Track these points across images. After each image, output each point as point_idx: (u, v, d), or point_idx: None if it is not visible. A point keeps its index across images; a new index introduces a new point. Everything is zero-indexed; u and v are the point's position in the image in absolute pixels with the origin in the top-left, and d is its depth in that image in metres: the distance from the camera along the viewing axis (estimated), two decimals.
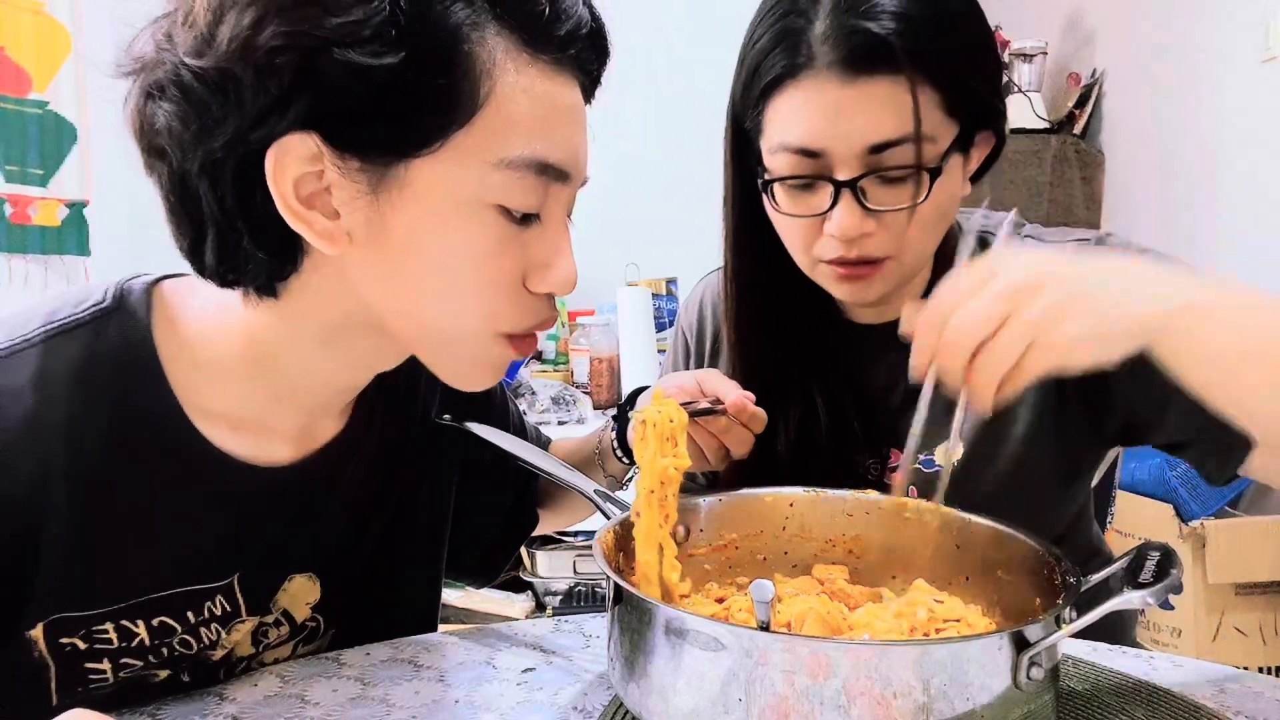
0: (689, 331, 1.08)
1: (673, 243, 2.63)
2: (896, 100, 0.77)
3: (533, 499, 1.00)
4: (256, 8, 0.55)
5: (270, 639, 0.75)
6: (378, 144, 0.59)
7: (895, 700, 0.51)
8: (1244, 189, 2.26)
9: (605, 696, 0.69)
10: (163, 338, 0.67)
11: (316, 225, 0.60)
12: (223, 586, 0.70)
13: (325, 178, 0.59)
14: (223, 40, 0.55)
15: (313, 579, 0.76)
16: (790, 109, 0.80)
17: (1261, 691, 0.69)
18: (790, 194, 0.84)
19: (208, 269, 0.63)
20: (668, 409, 0.70)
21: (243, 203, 0.59)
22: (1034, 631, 0.54)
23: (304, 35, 0.55)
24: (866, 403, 0.94)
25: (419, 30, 0.56)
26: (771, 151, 0.83)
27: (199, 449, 0.67)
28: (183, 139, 0.58)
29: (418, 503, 0.84)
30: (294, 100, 0.56)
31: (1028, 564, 0.67)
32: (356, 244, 0.61)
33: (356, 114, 0.57)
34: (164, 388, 0.66)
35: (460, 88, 0.58)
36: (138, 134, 0.61)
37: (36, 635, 0.63)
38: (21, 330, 0.65)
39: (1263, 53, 2.16)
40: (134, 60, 0.60)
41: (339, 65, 0.55)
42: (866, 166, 0.79)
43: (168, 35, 0.59)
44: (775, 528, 0.79)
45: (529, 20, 0.60)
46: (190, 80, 0.57)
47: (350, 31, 0.55)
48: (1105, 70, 2.78)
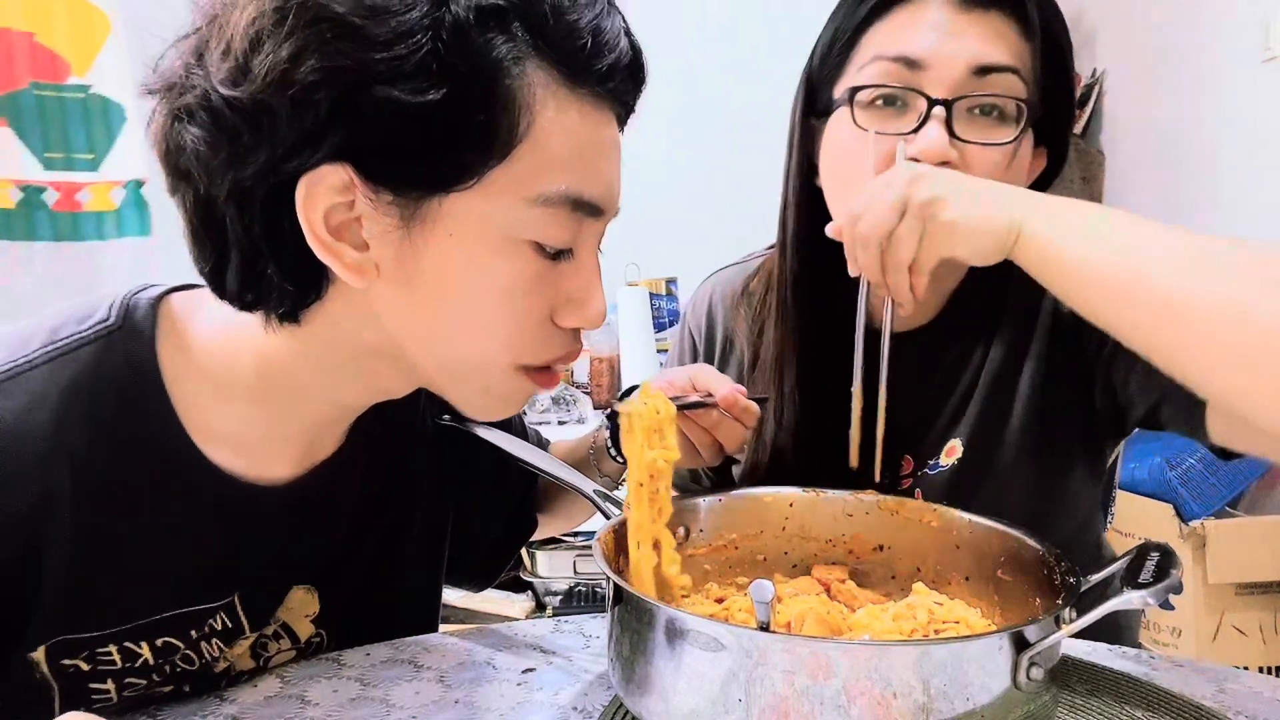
0: (697, 332, 1.06)
1: (673, 243, 2.63)
2: (1008, 37, 0.79)
3: (532, 503, 1.00)
4: (296, 39, 0.53)
5: (270, 652, 0.75)
6: (412, 178, 0.57)
7: (895, 701, 0.51)
8: (1244, 189, 2.26)
9: (605, 696, 0.69)
10: (168, 357, 0.65)
11: (346, 258, 0.58)
12: (224, 604, 0.70)
13: (356, 208, 0.57)
14: (259, 70, 0.54)
15: (311, 591, 0.76)
16: (897, 25, 0.80)
17: (1261, 691, 0.69)
18: (872, 111, 0.81)
19: (228, 293, 0.61)
20: (654, 402, 0.70)
21: (270, 231, 0.58)
22: (1034, 631, 0.54)
23: (344, 70, 0.53)
24: None
25: (460, 65, 0.55)
26: (862, 67, 0.81)
27: (201, 469, 0.66)
28: (210, 165, 0.57)
29: (416, 510, 0.84)
30: (330, 133, 0.55)
31: (1028, 564, 0.67)
32: (384, 276, 0.60)
33: (392, 148, 0.56)
34: (167, 409, 0.65)
35: (499, 123, 0.57)
36: (162, 155, 0.60)
37: (39, 658, 0.63)
38: (23, 350, 0.63)
39: (1263, 53, 2.16)
40: (160, 79, 0.59)
41: (378, 100, 0.54)
42: (966, 88, 0.78)
43: (197, 56, 0.57)
44: (775, 528, 0.79)
45: (571, 54, 0.58)
46: (222, 107, 0.55)
47: (391, 67, 0.53)
48: (1105, 70, 2.78)
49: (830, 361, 0.88)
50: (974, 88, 0.78)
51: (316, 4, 0.54)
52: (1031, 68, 0.80)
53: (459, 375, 0.65)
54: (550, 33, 0.58)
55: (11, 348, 0.64)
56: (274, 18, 0.54)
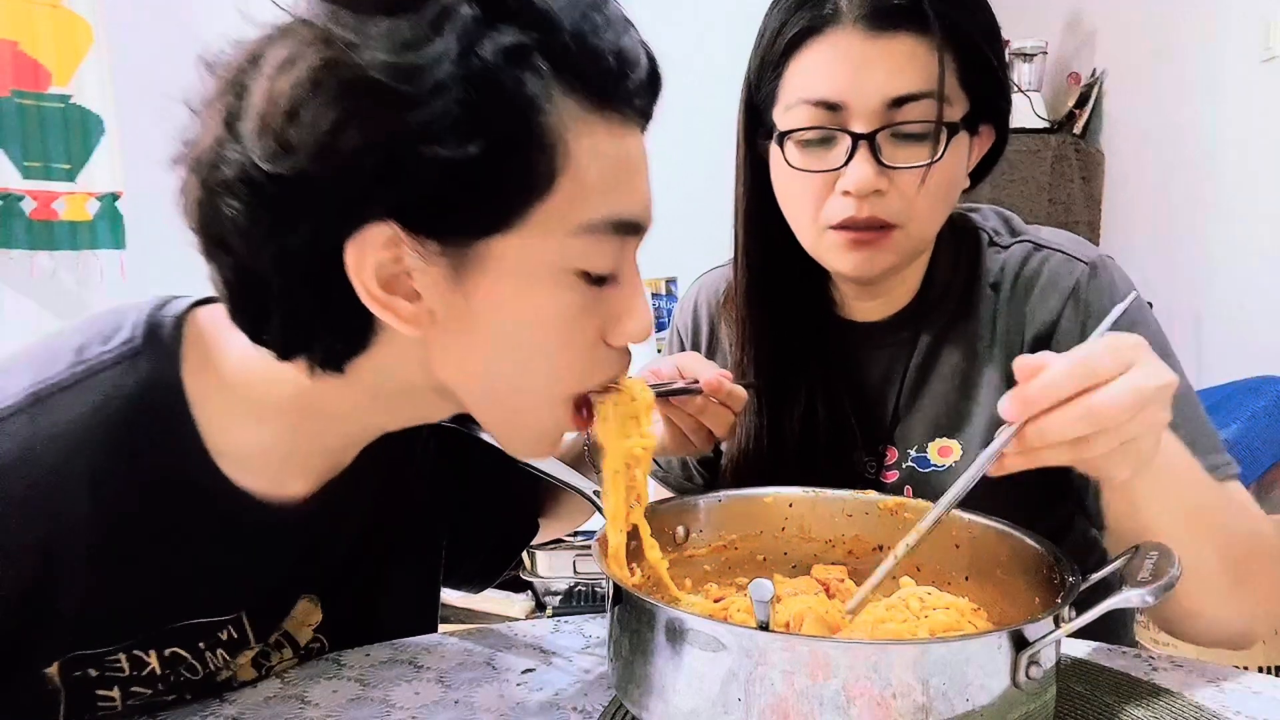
0: (684, 331, 1.09)
1: (673, 243, 2.62)
2: (919, 57, 0.80)
3: (533, 507, 1.00)
4: (335, 110, 0.53)
5: (272, 661, 0.75)
6: (458, 227, 0.57)
7: (895, 701, 0.51)
8: (1244, 189, 2.26)
9: (605, 696, 0.69)
10: (193, 376, 0.64)
11: (402, 311, 0.58)
12: (233, 618, 0.70)
13: (404, 262, 0.57)
14: (300, 144, 0.53)
15: (314, 601, 0.76)
16: (813, 63, 0.82)
17: (1261, 691, 0.69)
18: (805, 150, 0.84)
19: (269, 343, 0.61)
20: (630, 388, 0.68)
21: (318, 293, 0.58)
22: (1033, 630, 0.54)
23: (385, 134, 0.53)
24: (863, 400, 0.95)
25: (495, 113, 0.54)
26: (789, 108, 0.84)
27: (221, 490, 0.66)
28: (252, 235, 0.56)
29: (417, 515, 0.84)
30: (374, 196, 0.55)
31: (1027, 563, 0.67)
32: (437, 321, 0.60)
33: (436, 200, 0.56)
34: (191, 431, 0.64)
35: (537, 162, 0.57)
36: (198, 227, 0.59)
37: (52, 672, 0.63)
38: (50, 369, 0.63)
39: (1263, 53, 2.16)
40: (190, 152, 0.58)
41: (420, 160, 0.53)
42: (885, 120, 0.81)
43: (227, 126, 0.56)
44: (775, 528, 0.79)
45: (597, 80, 0.58)
46: (263, 182, 0.54)
47: (430, 126, 0.53)
48: (1105, 70, 2.79)
49: (787, 360, 0.93)
50: (892, 118, 0.81)
51: (348, 69, 0.53)
52: (948, 74, 0.81)
53: (505, 409, 0.65)
54: (574, 61, 0.57)
55: (38, 367, 0.63)
56: (307, 87, 0.53)
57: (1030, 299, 0.89)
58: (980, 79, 0.84)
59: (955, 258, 0.93)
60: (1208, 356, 2.33)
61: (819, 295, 0.96)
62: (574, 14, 0.57)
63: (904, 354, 0.94)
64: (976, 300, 0.92)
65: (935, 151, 0.81)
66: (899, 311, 0.94)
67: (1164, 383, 0.59)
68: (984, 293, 0.92)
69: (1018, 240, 0.93)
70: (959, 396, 0.91)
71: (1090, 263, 0.89)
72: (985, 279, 0.92)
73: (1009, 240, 0.93)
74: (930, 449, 0.92)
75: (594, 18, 0.58)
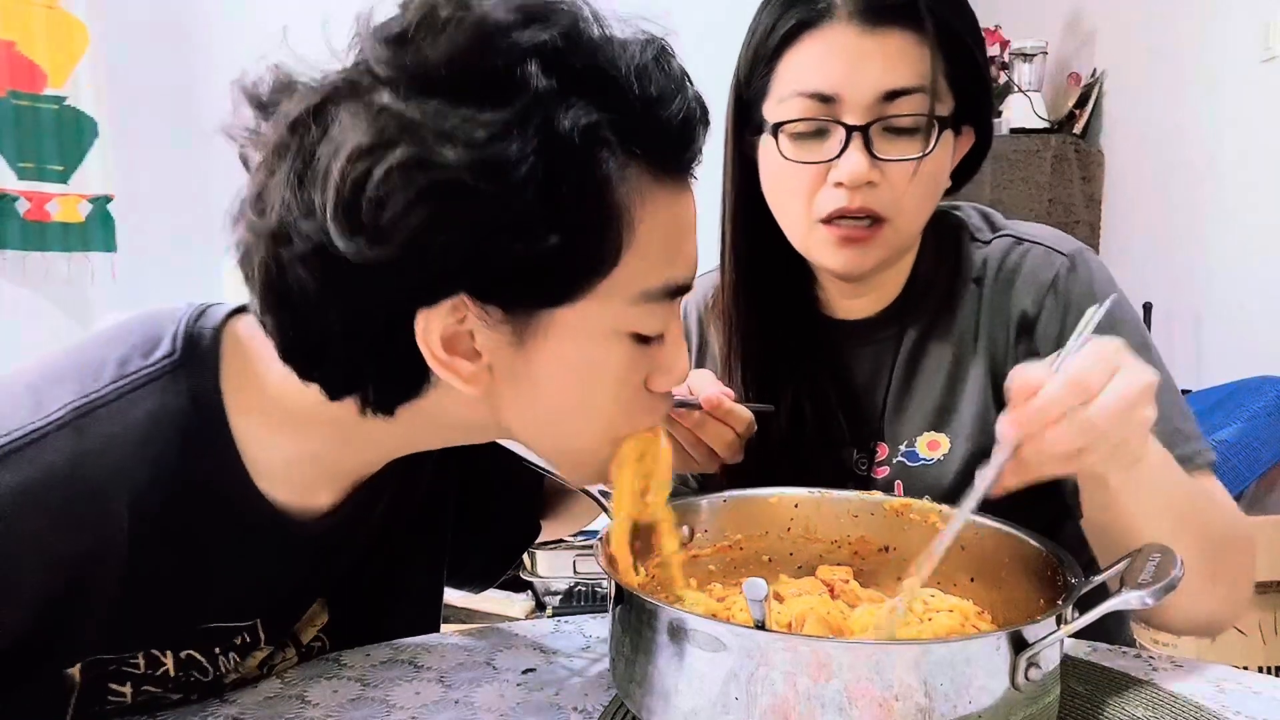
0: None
1: None
2: (911, 53, 0.82)
3: (536, 507, 1.00)
4: (423, 204, 0.53)
5: (276, 661, 0.75)
6: (526, 300, 0.58)
7: (896, 703, 0.51)
8: (1243, 189, 2.26)
9: (605, 696, 0.69)
10: (232, 391, 0.65)
11: (463, 371, 0.59)
12: (250, 625, 0.71)
13: (467, 323, 0.58)
14: (384, 234, 0.53)
15: (322, 604, 0.77)
16: (807, 56, 0.84)
17: (1261, 691, 0.69)
18: (797, 142, 0.85)
19: (318, 381, 0.61)
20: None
21: (380, 350, 0.59)
22: (1033, 631, 0.54)
23: (470, 228, 0.54)
24: (850, 397, 0.95)
25: (573, 200, 0.55)
26: (782, 100, 0.85)
27: (255, 505, 0.66)
28: (321, 300, 0.57)
29: (422, 517, 0.84)
30: (456, 281, 0.56)
31: (1031, 564, 0.67)
32: (495, 379, 0.61)
33: (509, 279, 0.57)
34: (229, 447, 0.65)
35: (606, 239, 0.58)
36: (261, 287, 0.59)
37: (74, 671, 0.63)
38: (94, 384, 0.62)
39: (1263, 53, 2.17)
40: (248, 206, 0.58)
41: (502, 250, 0.55)
42: (877, 114, 0.82)
43: (295, 194, 0.56)
44: (780, 529, 0.79)
45: (664, 150, 0.59)
46: (339, 256, 0.54)
47: (511, 223, 0.54)
48: (1105, 70, 2.78)
49: (774, 358, 0.94)
50: (885, 111, 0.82)
51: (436, 170, 0.53)
52: (939, 71, 0.83)
53: (560, 450, 0.68)
54: (643, 133, 0.58)
55: (83, 380, 0.63)
56: (394, 183, 0.53)
57: (1012, 292, 0.90)
58: (966, 78, 0.85)
59: (938, 254, 0.94)
60: (1208, 356, 2.33)
61: (807, 292, 0.97)
62: (643, 79, 0.57)
63: (890, 350, 0.94)
64: (960, 295, 0.93)
65: (926, 145, 0.83)
66: (884, 309, 0.95)
67: (1148, 383, 0.62)
68: (968, 287, 0.93)
69: (999, 235, 0.94)
70: (946, 390, 0.92)
71: (1069, 255, 0.90)
72: (968, 274, 0.93)
73: (990, 235, 0.94)
74: (920, 443, 0.92)
75: (659, 79, 0.58)
